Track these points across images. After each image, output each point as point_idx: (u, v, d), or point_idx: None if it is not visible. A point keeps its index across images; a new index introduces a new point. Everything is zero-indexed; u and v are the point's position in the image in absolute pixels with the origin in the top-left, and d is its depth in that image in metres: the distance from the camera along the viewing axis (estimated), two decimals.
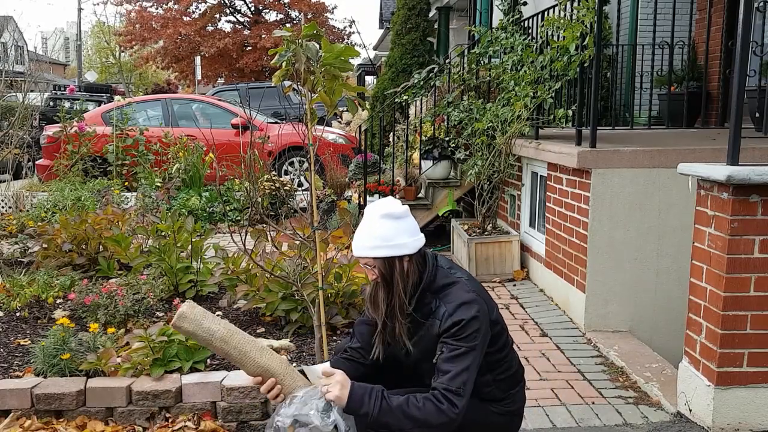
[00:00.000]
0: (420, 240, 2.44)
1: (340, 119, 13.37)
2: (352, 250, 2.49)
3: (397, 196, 7.07)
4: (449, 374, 2.26)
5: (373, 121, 9.56)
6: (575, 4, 4.93)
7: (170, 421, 3.23)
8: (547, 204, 5.29)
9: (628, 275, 4.47)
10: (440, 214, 6.94)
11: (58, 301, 4.53)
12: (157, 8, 29.47)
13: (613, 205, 4.44)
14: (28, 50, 33.18)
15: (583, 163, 4.45)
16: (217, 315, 4.34)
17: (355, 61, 13.60)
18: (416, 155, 7.68)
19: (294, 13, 29.69)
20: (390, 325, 2.47)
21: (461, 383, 2.26)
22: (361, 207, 7.15)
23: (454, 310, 2.35)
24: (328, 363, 2.47)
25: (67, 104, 12.64)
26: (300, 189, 8.92)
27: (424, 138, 7.52)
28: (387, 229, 2.37)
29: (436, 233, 7.34)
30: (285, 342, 3.76)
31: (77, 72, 37.55)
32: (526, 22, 6.15)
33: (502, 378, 2.51)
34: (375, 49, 22.91)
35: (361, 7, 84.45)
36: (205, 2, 29.37)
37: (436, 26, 12.30)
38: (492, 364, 2.46)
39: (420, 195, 7.24)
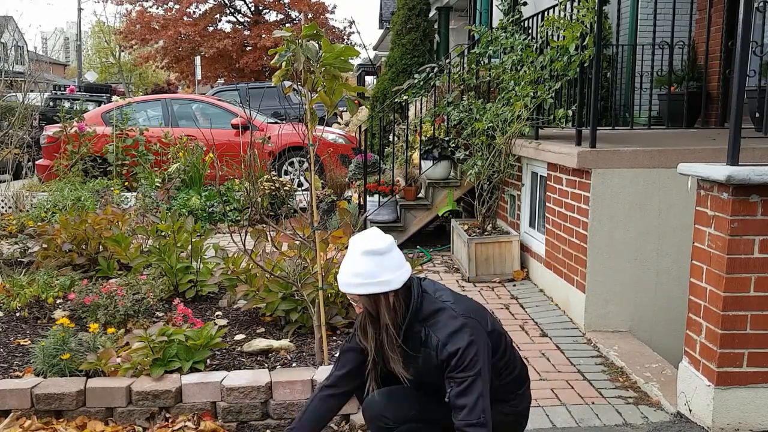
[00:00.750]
0: (405, 273, 2.37)
1: (340, 119, 13.36)
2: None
3: (398, 196, 7.08)
4: (466, 409, 2.24)
5: (373, 121, 9.55)
6: (575, 4, 4.93)
7: (170, 421, 3.23)
8: (547, 204, 5.29)
9: (628, 275, 4.47)
10: (440, 214, 6.94)
11: (58, 301, 4.52)
12: (157, 8, 29.50)
13: (613, 205, 4.44)
14: (28, 50, 33.14)
15: (583, 163, 4.45)
16: (217, 315, 4.36)
17: (355, 61, 13.59)
18: (416, 155, 7.68)
19: (294, 13, 29.72)
20: (382, 360, 2.43)
21: (480, 412, 2.24)
22: (361, 207, 7.15)
23: (447, 340, 2.31)
24: None
25: (67, 104, 12.63)
26: (300, 189, 8.92)
27: (424, 138, 7.51)
28: (370, 266, 2.31)
29: (436, 233, 7.34)
30: (285, 342, 3.77)
31: (77, 72, 37.55)
32: (526, 22, 6.14)
33: (508, 381, 2.52)
34: (375, 49, 22.91)
35: (361, 7, 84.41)
36: (206, 2, 29.41)
37: (436, 26, 12.30)
38: (496, 371, 2.46)
39: (420, 195, 7.24)
